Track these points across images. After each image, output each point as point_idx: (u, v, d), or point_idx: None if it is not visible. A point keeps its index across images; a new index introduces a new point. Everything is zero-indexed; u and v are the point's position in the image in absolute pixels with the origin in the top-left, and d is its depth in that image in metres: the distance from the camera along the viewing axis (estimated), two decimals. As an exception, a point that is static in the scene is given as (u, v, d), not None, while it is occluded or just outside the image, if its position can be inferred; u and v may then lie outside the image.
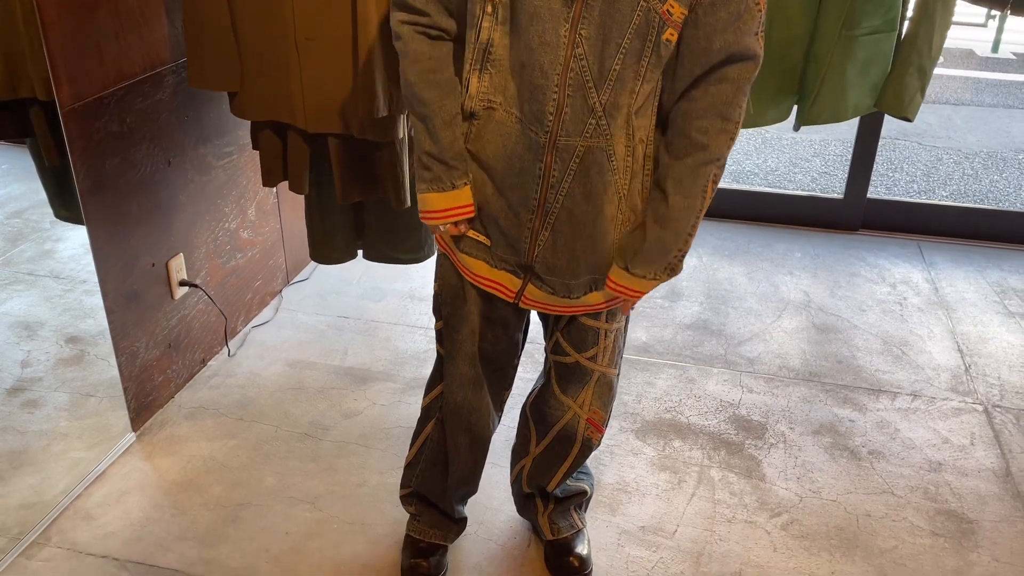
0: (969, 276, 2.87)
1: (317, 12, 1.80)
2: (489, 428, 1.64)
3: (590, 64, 1.21)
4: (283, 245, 2.66)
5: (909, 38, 2.07)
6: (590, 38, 1.20)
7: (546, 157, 1.28)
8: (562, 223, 1.33)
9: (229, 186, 2.33)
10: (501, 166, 1.32)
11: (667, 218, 1.31)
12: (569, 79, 1.22)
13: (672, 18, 1.19)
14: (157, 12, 1.95)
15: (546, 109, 1.24)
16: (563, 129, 1.25)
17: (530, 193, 1.31)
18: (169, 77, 2.02)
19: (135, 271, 2.01)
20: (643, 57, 1.21)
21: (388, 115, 1.87)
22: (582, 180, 1.29)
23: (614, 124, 1.25)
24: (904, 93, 2.11)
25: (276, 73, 1.88)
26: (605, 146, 1.27)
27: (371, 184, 2.04)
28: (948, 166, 4.15)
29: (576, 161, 1.27)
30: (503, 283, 1.43)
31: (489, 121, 1.31)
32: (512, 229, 1.36)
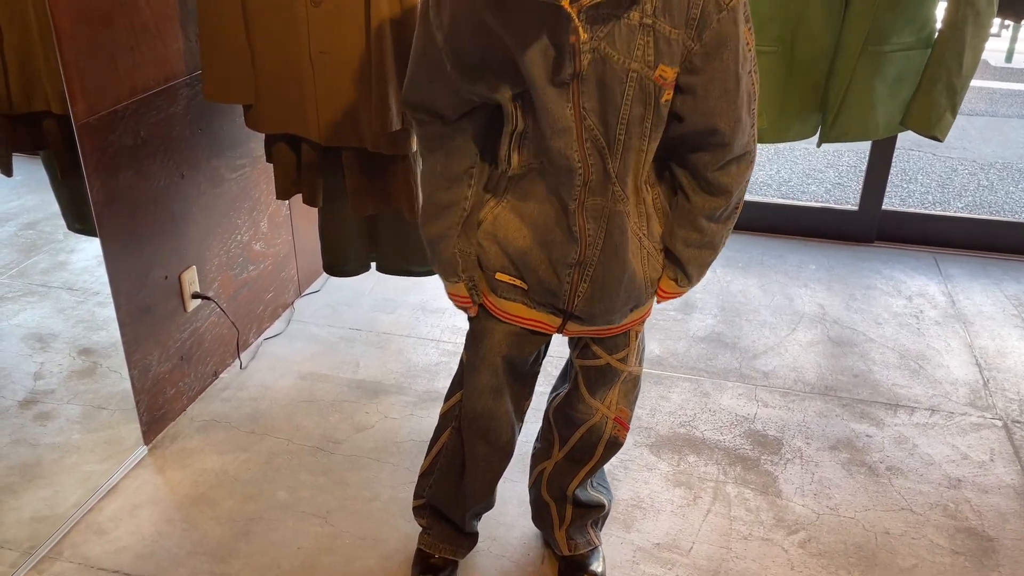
0: (986, 289, 2.84)
1: (331, 26, 1.80)
2: (507, 436, 1.61)
3: (600, 133, 1.25)
4: (295, 257, 2.66)
5: (937, 54, 2.02)
6: (594, 109, 1.23)
7: (579, 220, 1.33)
8: (599, 276, 1.38)
9: (242, 199, 2.33)
10: (542, 221, 1.37)
11: (702, 243, 1.41)
12: (587, 149, 1.26)
13: (667, 81, 1.22)
14: (172, 25, 1.96)
15: (575, 183, 1.29)
16: (590, 193, 1.30)
17: (569, 251, 1.36)
18: (183, 90, 2.02)
19: (148, 284, 2.01)
20: (645, 121, 1.25)
21: (401, 128, 1.86)
22: (612, 236, 1.35)
23: (627, 188, 1.32)
24: (932, 111, 2.07)
25: (290, 86, 1.88)
26: (623, 208, 1.33)
27: (384, 197, 2.03)
28: (963, 177, 4.12)
29: (605, 220, 1.33)
30: (543, 320, 1.47)
31: (534, 180, 1.35)
32: (551, 282, 1.40)
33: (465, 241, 1.44)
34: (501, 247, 1.41)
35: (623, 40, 1.17)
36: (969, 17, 1.99)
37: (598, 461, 1.64)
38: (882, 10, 1.97)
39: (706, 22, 1.17)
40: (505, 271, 1.43)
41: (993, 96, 5.42)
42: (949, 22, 1.99)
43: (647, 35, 1.18)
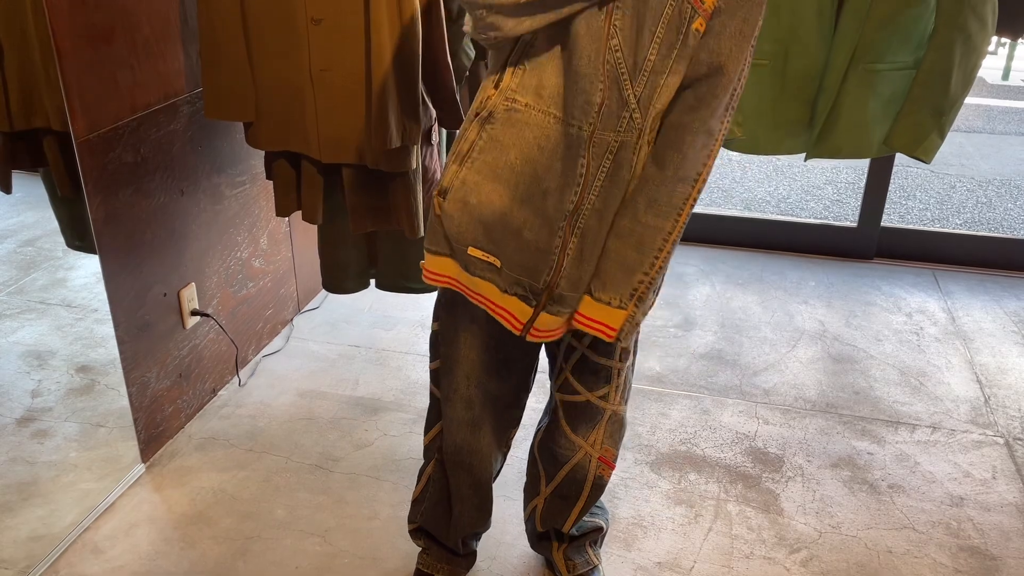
0: (986, 306, 2.84)
1: (332, 44, 1.80)
2: (490, 470, 1.60)
3: (624, 56, 1.18)
4: (295, 274, 2.66)
5: (922, 75, 2.02)
6: (624, 29, 1.17)
7: (586, 155, 1.23)
8: (590, 226, 1.28)
9: (242, 215, 2.33)
10: (530, 171, 1.26)
11: (632, 233, 1.27)
12: (605, 70, 1.19)
13: (704, 6, 1.17)
14: (173, 43, 1.96)
15: (593, 100, 1.20)
16: (601, 122, 1.21)
17: (568, 196, 1.25)
18: (184, 107, 2.02)
19: (147, 301, 2.00)
20: (673, 48, 1.19)
21: (401, 146, 1.87)
22: (614, 178, 1.25)
23: (647, 118, 1.22)
24: (915, 132, 2.06)
25: (291, 104, 1.88)
26: (635, 141, 1.23)
27: (384, 214, 2.03)
28: (961, 194, 4.13)
29: (609, 158, 1.24)
30: (512, 311, 1.35)
31: (510, 125, 1.25)
32: (541, 240, 1.28)
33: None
34: (472, 215, 1.29)
35: None
36: (957, 39, 1.99)
37: (586, 502, 1.61)
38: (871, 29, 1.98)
39: None
40: (477, 244, 1.31)
41: (990, 113, 5.44)
42: (935, 43, 2.00)
43: None
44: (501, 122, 1.25)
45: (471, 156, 1.28)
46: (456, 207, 1.30)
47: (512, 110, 1.25)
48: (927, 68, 2.01)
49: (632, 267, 1.28)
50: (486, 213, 1.29)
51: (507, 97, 1.25)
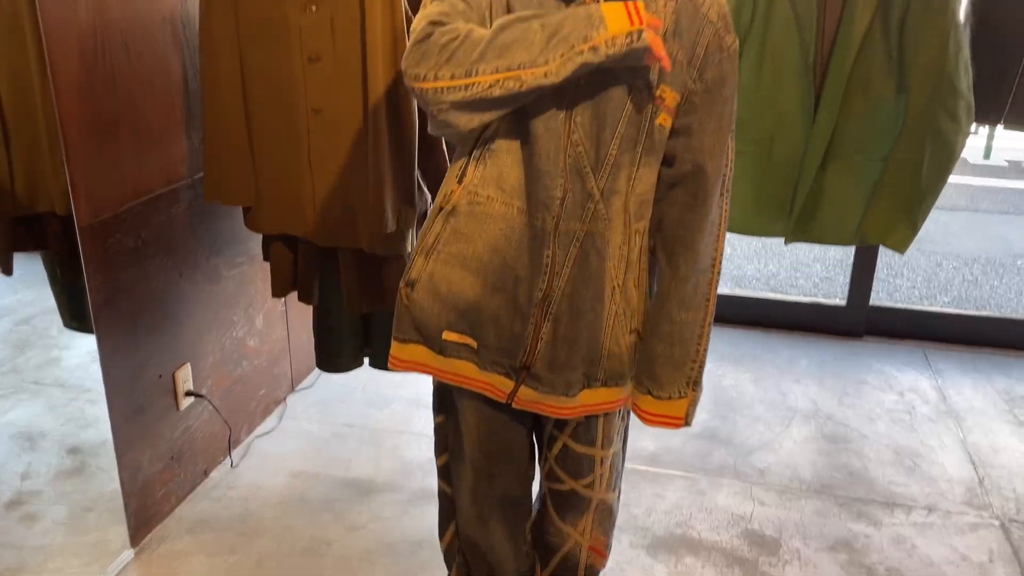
0: (976, 384, 2.85)
1: (331, 133, 1.86)
2: (511, 565, 1.57)
3: (587, 150, 1.24)
4: (289, 352, 2.67)
5: (892, 167, 2.08)
6: (584, 124, 1.23)
7: (551, 245, 1.28)
8: (562, 312, 1.31)
9: (238, 295, 2.35)
10: (498, 261, 1.31)
11: (672, 334, 1.33)
12: (568, 164, 1.24)
13: (665, 103, 1.23)
14: (176, 129, 2.02)
15: (554, 195, 1.25)
16: (565, 214, 1.26)
17: (537, 284, 1.30)
18: (185, 192, 2.07)
19: (142, 383, 2.00)
20: (638, 143, 1.25)
21: (397, 230, 1.90)
22: (582, 265, 1.29)
23: (611, 209, 1.27)
24: (887, 224, 2.11)
25: (290, 189, 1.93)
26: (603, 230, 1.28)
27: (379, 295, 2.06)
28: (948, 272, 4.19)
29: (576, 246, 1.28)
30: (493, 384, 1.38)
31: (473, 218, 1.30)
32: (515, 326, 1.33)
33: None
34: (444, 303, 1.34)
35: None
36: (927, 136, 2.07)
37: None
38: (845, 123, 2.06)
39: (708, 61, 1.22)
40: (452, 328, 1.35)
41: (973, 192, 5.56)
42: (904, 139, 2.07)
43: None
44: (465, 215, 1.30)
45: (436, 248, 1.33)
46: (425, 297, 1.35)
47: (475, 203, 1.30)
48: (897, 162, 2.08)
49: (680, 362, 1.35)
50: (459, 302, 1.34)
51: (470, 191, 1.30)
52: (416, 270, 1.36)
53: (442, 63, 1.17)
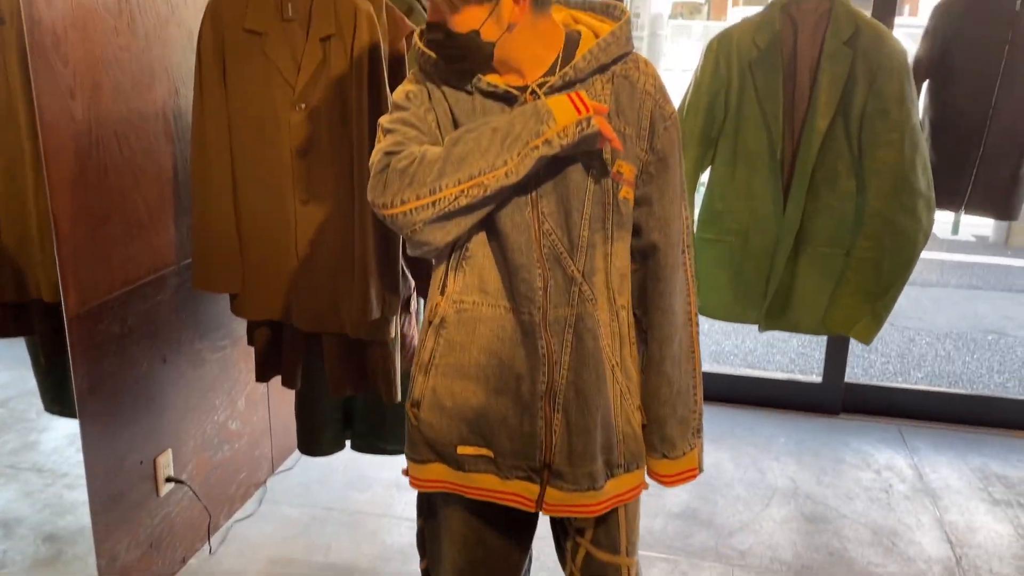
0: (952, 462, 2.89)
1: (318, 223, 1.91)
2: None
3: (559, 236, 1.28)
4: (270, 434, 2.67)
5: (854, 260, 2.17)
6: (552, 212, 1.27)
7: (544, 335, 1.29)
8: (570, 401, 1.32)
9: (221, 379, 2.37)
10: (496, 363, 1.32)
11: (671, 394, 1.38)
12: (545, 253, 1.28)
13: (624, 177, 1.29)
14: (165, 218, 2.06)
15: (535, 285, 1.28)
16: (551, 302, 1.29)
17: (538, 378, 1.31)
18: (172, 278, 2.10)
19: (123, 469, 2.00)
20: (607, 220, 1.30)
21: (381, 317, 1.94)
22: (579, 350, 1.30)
23: (595, 288, 1.30)
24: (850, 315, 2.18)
25: (277, 277, 1.97)
26: (592, 310, 1.30)
27: (363, 380, 2.08)
28: (921, 347, 4.27)
29: (570, 331, 1.30)
30: (519, 493, 1.37)
31: (463, 326, 1.32)
32: (525, 425, 1.33)
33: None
34: (452, 416, 1.34)
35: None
36: (886, 231, 2.16)
37: None
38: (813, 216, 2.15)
39: (655, 131, 1.29)
40: (465, 442, 1.35)
41: (943, 268, 5.70)
42: (864, 233, 2.16)
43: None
44: (454, 325, 1.33)
45: (433, 363, 1.35)
46: (432, 414, 1.36)
47: (462, 311, 1.32)
48: (857, 255, 2.16)
49: (684, 417, 1.40)
50: (466, 411, 1.34)
51: (454, 300, 1.33)
52: (418, 389, 1.36)
53: (404, 187, 1.22)
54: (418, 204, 1.22)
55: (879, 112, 2.14)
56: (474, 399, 1.34)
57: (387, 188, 1.23)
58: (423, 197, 1.21)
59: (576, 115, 1.20)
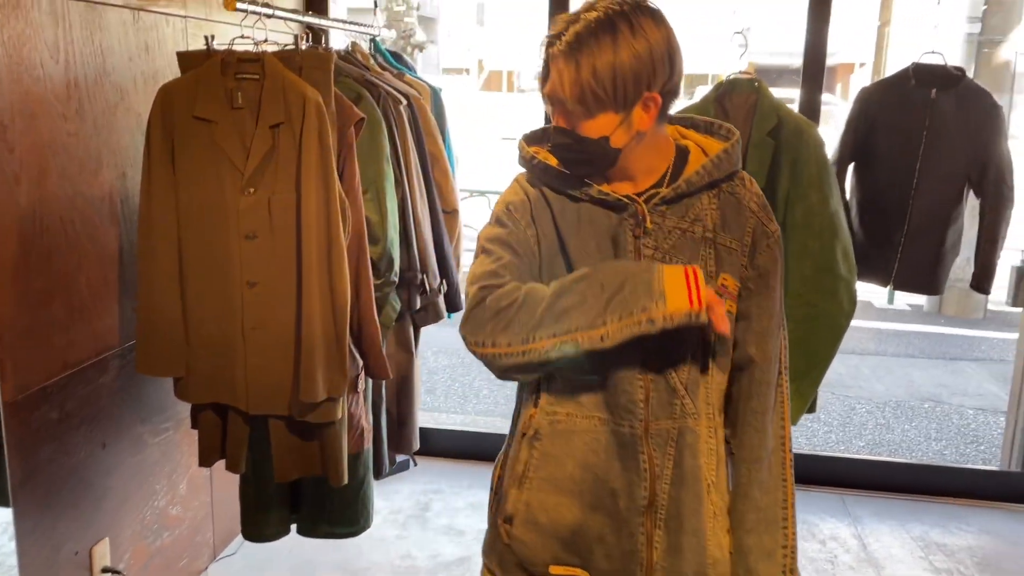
0: (894, 531, 2.95)
1: (265, 304, 1.92)
2: None
3: (665, 347, 1.24)
4: (212, 519, 2.60)
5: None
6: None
7: (645, 448, 1.26)
8: (672, 517, 1.28)
9: (163, 463, 2.32)
10: (591, 478, 1.28)
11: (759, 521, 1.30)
12: (649, 364, 1.25)
13: (728, 290, 1.28)
14: (109, 301, 2.05)
15: (636, 399, 1.26)
16: (653, 415, 1.26)
17: (638, 492, 1.27)
18: (114, 361, 2.08)
19: (58, 561, 1.93)
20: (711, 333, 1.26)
21: (327, 398, 1.94)
22: (680, 465, 1.27)
23: (698, 402, 1.28)
24: None
25: (222, 359, 1.96)
26: (693, 425, 1.27)
27: (309, 462, 2.06)
28: (862, 416, 4.38)
29: (672, 445, 1.27)
30: None
31: (557, 437, 1.29)
32: (623, 543, 1.28)
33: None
34: (546, 533, 1.29)
35: (688, 252, 1.26)
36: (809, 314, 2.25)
37: None
38: None
39: (757, 248, 1.29)
40: (559, 561, 1.29)
41: (880, 336, 5.89)
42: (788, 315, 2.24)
43: (709, 247, 1.27)
44: (548, 437, 1.30)
45: (527, 476, 1.31)
46: (526, 530, 1.31)
47: (555, 423, 1.29)
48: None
49: (772, 550, 1.31)
50: (560, 529, 1.30)
51: (548, 412, 1.30)
52: (511, 503, 1.32)
53: (499, 330, 1.21)
54: (509, 351, 1.21)
55: (799, 198, 2.25)
56: (569, 515, 1.29)
57: (480, 328, 1.23)
58: (515, 345, 1.20)
59: (688, 306, 1.16)
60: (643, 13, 1.20)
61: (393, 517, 2.95)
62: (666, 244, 1.27)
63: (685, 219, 1.27)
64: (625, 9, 1.20)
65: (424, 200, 2.41)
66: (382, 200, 2.13)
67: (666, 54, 1.21)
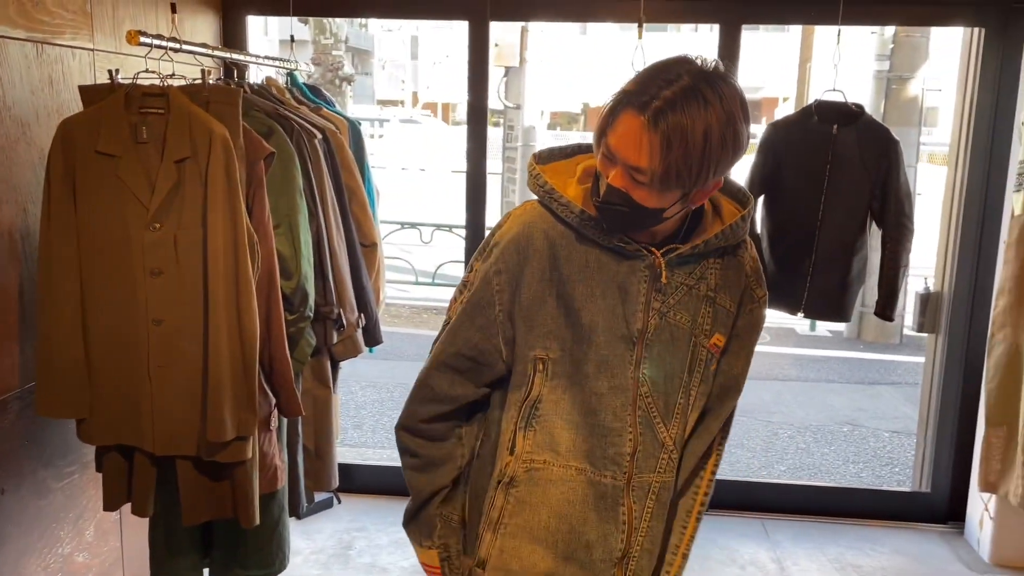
0: (811, 554, 3.01)
1: (172, 343, 1.88)
2: None
3: (655, 401, 1.26)
4: (122, 565, 2.51)
5: None
6: (652, 376, 1.26)
7: (626, 500, 1.27)
8: (642, 568, 1.30)
9: (68, 508, 2.23)
10: (566, 528, 1.27)
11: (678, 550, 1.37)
12: (639, 417, 1.26)
13: (718, 349, 1.30)
14: (9, 341, 1.98)
15: (623, 451, 1.26)
16: (637, 468, 1.27)
17: (614, 544, 1.28)
18: (14, 403, 2.00)
19: (-53, 616, 1.84)
20: (695, 388, 1.30)
21: (236, 437, 1.90)
22: (659, 517, 1.30)
23: (683, 456, 1.32)
24: None
25: (127, 400, 1.91)
26: (671, 481, 1.30)
27: (220, 503, 2.01)
28: (784, 440, 4.48)
29: (652, 498, 1.28)
30: None
31: (534, 485, 1.28)
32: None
33: (450, 506, 1.36)
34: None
35: (690, 309, 1.27)
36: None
37: None
38: None
39: (741, 310, 1.31)
40: None
41: (801, 362, 6.05)
42: None
43: (709, 306, 1.28)
44: (525, 483, 1.28)
45: (503, 522, 1.30)
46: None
47: (532, 470, 1.28)
48: None
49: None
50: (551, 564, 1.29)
51: (524, 460, 1.28)
52: (485, 548, 1.31)
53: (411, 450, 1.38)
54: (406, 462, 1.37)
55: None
56: (541, 564, 1.28)
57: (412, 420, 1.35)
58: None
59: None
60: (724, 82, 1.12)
61: (315, 557, 2.90)
62: (672, 299, 1.27)
63: (692, 276, 1.27)
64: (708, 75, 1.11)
65: (341, 234, 2.40)
66: (296, 234, 2.12)
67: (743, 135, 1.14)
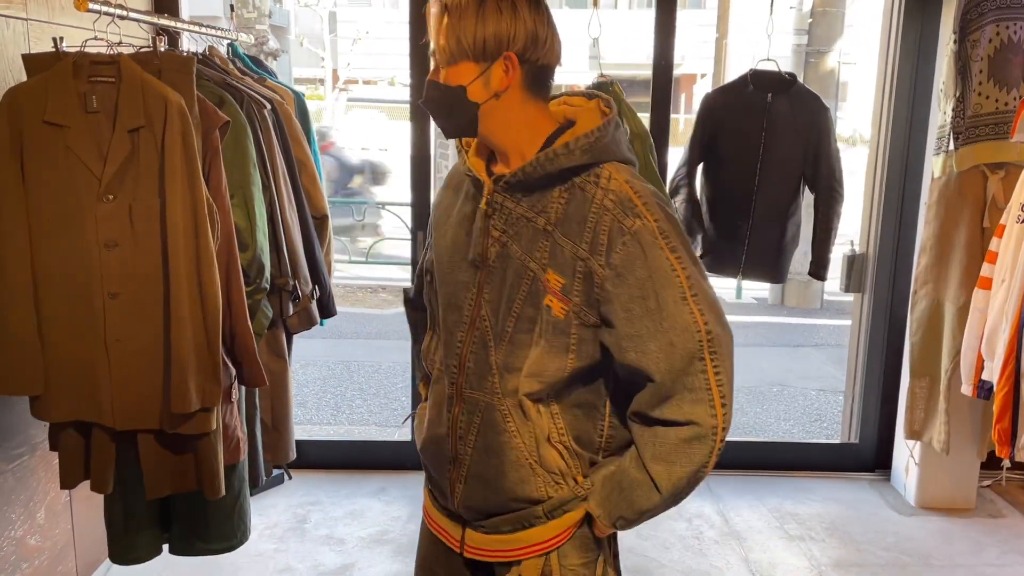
0: (752, 505, 3.16)
1: (129, 315, 1.85)
2: None
3: (491, 325, 1.31)
4: (74, 546, 2.46)
5: None
6: (492, 301, 1.31)
7: (454, 408, 1.37)
8: (473, 477, 1.37)
9: (18, 491, 2.18)
10: (434, 414, 1.42)
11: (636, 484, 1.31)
12: (473, 336, 1.33)
13: (551, 286, 1.25)
14: (-49, 319, 1.91)
15: (454, 363, 1.37)
16: (467, 382, 1.35)
17: (444, 444, 1.39)
18: (-40, 383, 1.94)
19: (-98, 601, 1.79)
20: (536, 323, 1.28)
21: (201, 407, 1.89)
22: (485, 435, 1.33)
23: (507, 385, 1.30)
24: None
25: (83, 374, 1.87)
26: (499, 405, 1.31)
27: (184, 476, 2.00)
28: (718, 402, 4.65)
29: (479, 415, 1.34)
30: (447, 529, 1.47)
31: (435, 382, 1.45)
32: (439, 477, 1.43)
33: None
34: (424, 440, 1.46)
35: (527, 240, 1.27)
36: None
37: None
38: None
39: (612, 246, 1.22)
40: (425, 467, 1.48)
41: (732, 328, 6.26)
42: None
43: (547, 239, 1.26)
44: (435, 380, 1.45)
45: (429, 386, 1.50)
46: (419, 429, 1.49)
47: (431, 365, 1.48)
48: None
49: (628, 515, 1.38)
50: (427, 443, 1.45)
51: (430, 359, 1.48)
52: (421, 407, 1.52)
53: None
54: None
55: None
56: (423, 433, 1.46)
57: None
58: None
59: None
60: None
61: (270, 531, 2.89)
62: (512, 230, 1.29)
63: (533, 208, 1.28)
64: None
65: (293, 205, 2.39)
66: (250, 206, 2.10)
67: (533, 23, 1.24)
